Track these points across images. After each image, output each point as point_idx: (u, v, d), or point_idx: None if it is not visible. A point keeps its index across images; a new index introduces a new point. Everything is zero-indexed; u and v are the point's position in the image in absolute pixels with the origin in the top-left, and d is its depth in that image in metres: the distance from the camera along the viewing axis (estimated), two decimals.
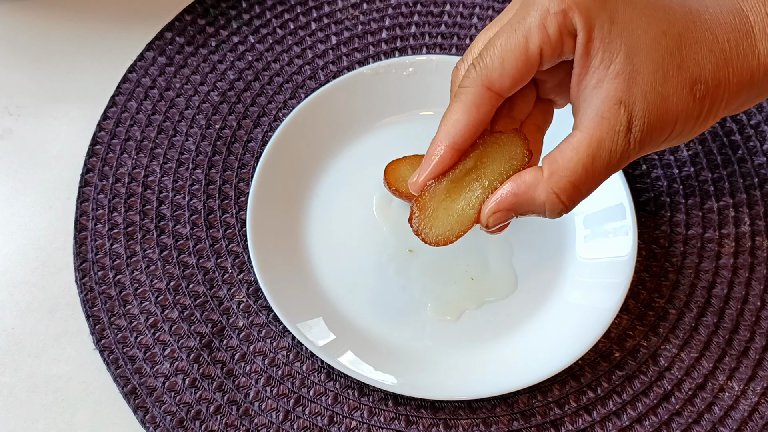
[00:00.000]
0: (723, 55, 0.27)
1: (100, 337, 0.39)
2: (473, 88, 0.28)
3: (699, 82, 0.27)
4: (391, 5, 0.51)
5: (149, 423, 0.37)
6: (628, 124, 0.26)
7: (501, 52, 0.28)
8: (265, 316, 0.40)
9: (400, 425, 0.37)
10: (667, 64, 0.27)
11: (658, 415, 0.37)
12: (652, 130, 0.27)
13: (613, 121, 0.26)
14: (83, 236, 0.42)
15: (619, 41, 0.27)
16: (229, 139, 0.45)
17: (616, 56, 0.27)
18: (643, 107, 0.26)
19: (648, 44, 0.27)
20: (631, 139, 0.27)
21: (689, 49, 0.27)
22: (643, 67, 0.26)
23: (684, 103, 0.27)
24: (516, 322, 0.39)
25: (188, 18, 0.50)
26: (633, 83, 0.26)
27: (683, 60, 0.27)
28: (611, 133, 0.27)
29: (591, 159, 0.27)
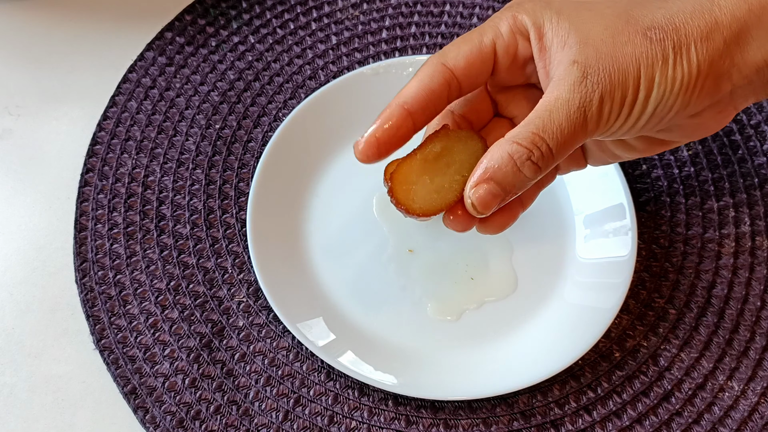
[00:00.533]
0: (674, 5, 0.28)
1: (100, 337, 0.39)
2: (429, 65, 0.30)
3: (653, 28, 0.27)
4: (391, 5, 0.51)
5: (149, 423, 0.37)
6: (582, 75, 0.27)
7: (459, 43, 0.30)
8: (265, 316, 0.40)
9: (400, 425, 0.37)
10: (615, 23, 0.28)
11: (658, 415, 0.37)
12: (610, 74, 0.27)
13: (568, 77, 0.27)
14: (83, 236, 0.42)
15: (567, 24, 0.28)
16: (229, 139, 0.45)
17: (567, 36, 0.28)
18: (596, 59, 0.27)
19: (594, 18, 0.28)
20: (588, 86, 0.27)
21: (636, 10, 0.28)
22: (593, 33, 0.28)
23: (641, 47, 0.27)
24: (516, 322, 0.39)
25: (188, 18, 0.50)
26: (584, 46, 0.27)
27: (630, 17, 0.28)
28: (566, 86, 0.27)
29: (548, 112, 0.27)
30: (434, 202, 0.30)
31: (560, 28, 0.28)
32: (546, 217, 0.42)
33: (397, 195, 0.30)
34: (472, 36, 0.30)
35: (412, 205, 0.30)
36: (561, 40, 0.28)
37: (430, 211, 0.30)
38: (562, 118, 0.27)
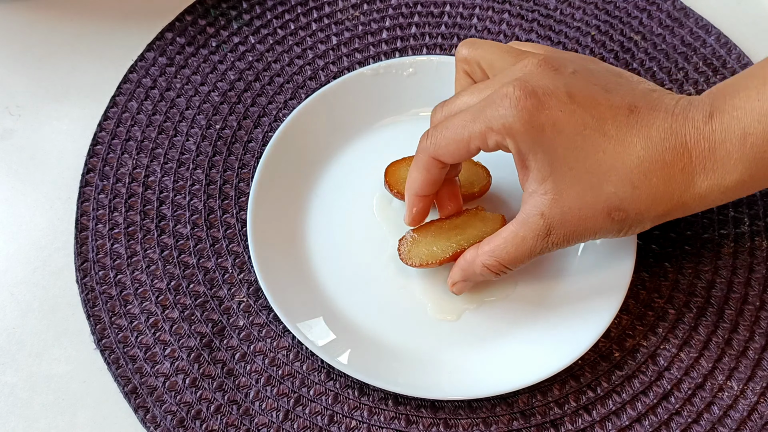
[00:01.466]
0: (647, 190, 0.32)
1: (101, 336, 0.39)
2: (425, 156, 0.36)
3: (617, 210, 0.32)
4: (391, 6, 0.51)
5: (150, 422, 0.37)
6: (546, 231, 0.33)
7: (448, 139, 0.34)
8: (265, 316, 0.40)
9: (400, 425, 0.37)
10: (587, 195, 0.32)
11: (658, 415, 0.37)
12: (568, 239, 0.33)
13: (535, 227, 0.33)
14: (84, 236, 0.42)
15: (549, 170, 0.32)
16: (229, 139, 0.45)
17: (546, 179, 0.33)
18: (560, 223, 0.33)
19: (574, 177, 0.32)
20: (549, 242, 0.34)
21: (610, 184, 0.32)
22: (566, 194, 0.32)
23: (601, 223, 0.33)
24: (516, 322, 0.39)
25: (189, 18, 0.50)
26: (555, 203, 0.33)
27: (602, 192, 0.32)
28: (533, 234, 0.33)
29: (515, 248, 0.34)
30: (422, 259, 0.38)
31: (543, 168, 0.32)
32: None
33: (399, 248, 0.39)
34: (460, 137, 0.34)
35: (408, 260, 0.38)
36: (542, 176, 0.33)
37: (421, 266, 0.38)
38: (525, 256, 0.34)
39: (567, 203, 0.32)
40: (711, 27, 0.50)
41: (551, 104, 0.32)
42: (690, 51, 0.50)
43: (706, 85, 0.48)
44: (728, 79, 0.34)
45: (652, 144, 0.32)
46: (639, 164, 0.32)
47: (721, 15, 0.51)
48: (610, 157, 0.32)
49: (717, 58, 0.49)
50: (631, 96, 0.33)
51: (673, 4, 0.51)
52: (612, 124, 0.32)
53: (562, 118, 0.32)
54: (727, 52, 0.49)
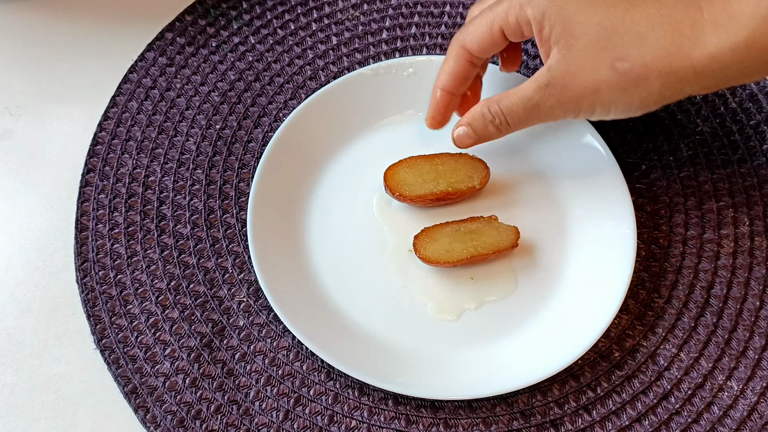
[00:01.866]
0: (653, 40, 0.32)
1: (101, 336, 0.39)
2: (455, 46, 0.38)
3: (621, 59, 0.32)
4: (391, 6, 0.51)
5: (150, 422, 0.37)
6: (547, 82, 0.34)
7: (475, 27, 0.37)
8: (265, 316, 0.40)
9: (400, 425, 0.37)
10: (594, 46, 0.33)
11: (658, 415, 0.37)
12: (567, 91, 0.34)
13: (538, 78, 0.34)
14: (84, 236, 0.42)
15: (561, 28, 0.33)
16: (229, 139, 0.45)
17: (559, 38, 0.34)
18: (564, 74, 0.34)
19: (584, 29, 0.33)
20: (546, 93, 0.34)
21: (618, 35, 0.32)
22: (575, 48, 0.33)
23: (604, 74, 0.33)
24: (516, 322, 0.39)
25: (189, 18, 0.50)
26: (563, 58, 0.34)
27: (608, 43, 0.33)
28: (534, 85, 0.35)
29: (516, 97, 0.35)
30: (440, 257, 0.39)
31: (556, 28, 0.34)
32: (546, 217, 0.42)
33: (416, 243, 0.40)
34: (486, 19, 0.36)
35: (423, 253, 0.39)
36: (556, 37, 0.34)
37: (433, 262, 0.39)
38: (520, 107, 0.35)
39: (574, 55, 0.33)
40: None
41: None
42: None
43: None
44: None
45: (664, 3, 0.32)
46: (648, 18, 0.32)
47: None
48: (621, 12, 0.33)
49: None
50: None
51: None
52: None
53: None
54: None
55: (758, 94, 0.47)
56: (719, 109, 0.47)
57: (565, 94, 0.34)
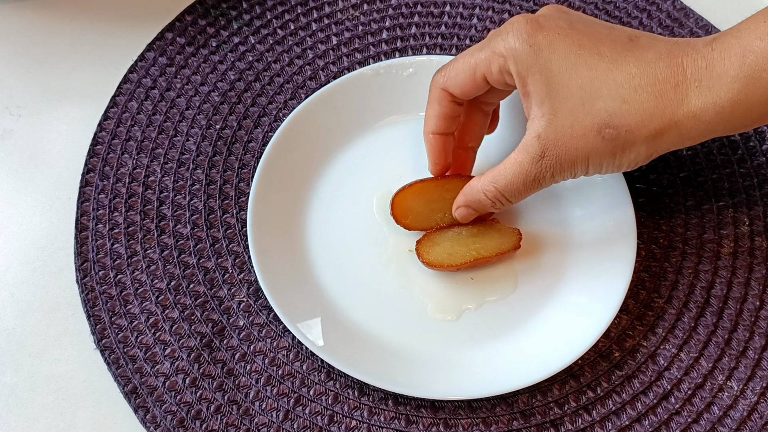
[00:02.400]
0: (637, 105, 0.32)
1: (101, 336, 0.39)
2: (435, 89, 0.38)
3: (607, 126, 0.32)
4: (391, 6, 0.51)
5: (150, 422, 0.37)
6: (541, 153, 0.33)
7: (456, 69, 0.36)
8: (265, 316, 0.40)
9: (400, 425, 0.37)
10: (578, 112, 0.32)
11: (658, 415, 0.37)
12: (561, 161, 0.33)
13: (531, 150, 0.34)
14: (84, 236, 0.42)
15: (545, 89, 0.33)
16: (229, 139, 0.45)
17: (543, 101, 0.33)
18: (554, 143, 0.33)
19: (567, 93, 0.33)
20: (543, 165, 0.34)
21: (601, 99, 0.32)
22: (560, 113, 0.33)
23: (592, 142, 0.33)
24: (516, 322, 0.39)
25: (189, 18, 0.50)
26: (550, 123, 0.33)
27: (592, 108, 0.32)
28: (529, 158, 0.34)
29: (512, 174, 0.35)
30: (443, 260, 0.39)
31: (540, 88, 0.33)
32: (546, 218, 0.42)
33: (418, 247, 0.40)
34: (467, 65, 0.36)
35: (426, 258, 0.39)
36: (539, 99, 0.33)
37: (436, 266, 0.39)
38: (520, 183, 0.35)
39: (560, 122, 0.33)
40: (711, 27, 0.50)
41: (550, 27, 0.33)
42: None
43: None
44: None
45: (645, 62, 0.32)
46: (630, 80, 0.32)
47: (721, 15, 0.51)
48: (603, 74, 0.32)
49: None
50: (633, 32, 0.34)
51: (673, 4, 0.51)
52: (608, 47, 0.33)
53: (558, 39, 0.33)
54: None
55: None
56: None
57: (561, 163, 0.34)
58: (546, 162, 0.34)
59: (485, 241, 0.39)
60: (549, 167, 0.34)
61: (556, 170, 0.34)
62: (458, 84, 0.36)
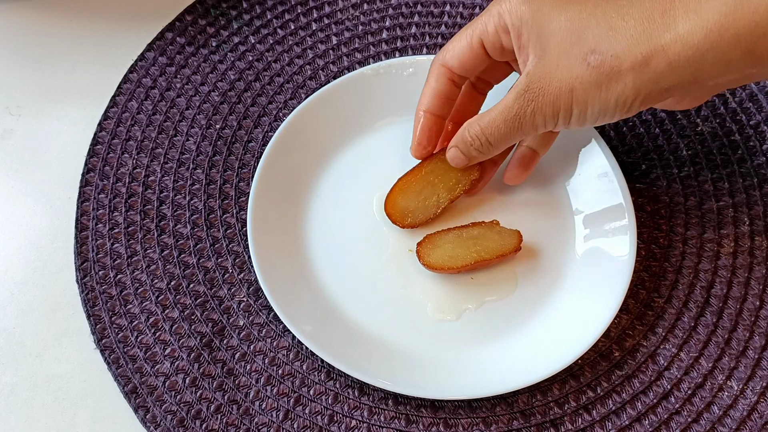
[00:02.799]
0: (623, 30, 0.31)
1: (101, 336, 0.39)
2: (435, 65, 0.38)
3: (593, 52, 0.32)
4: (391, 5, 0.51)
5: (150, 422, 0.37)
6: (525, 88, 0.33)
7: (454, 43, 0.37)
8: (265, 316, 0.40)
9: (400, 424, 0.37)
10: (565, 43, 0.32)
11: (658, 415, 0.37)
12: (545, 93, 0.33)
13: (517, 87, 0.34)
14: (84, 236, 0.42)
15: (537, 32, 0.33)
16: (229, 139, 0.45)
17: (536, 42, 0.33)
18: (540, 77, 0.33)
19: (556, 28, 0.32)
20: (525, 99, 0.33)
21: (589, 29, 0.32)
22: (548, 48, 0.33)
23: (577, 71, 0.32)
24: (516, 322, 0.39)
25: (189, 18, 0.50)
26: (539, 61, 0.33)
27: (580, 37, 0.32)
28: (513, 95, 0.34)
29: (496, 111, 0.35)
30: (444, 263, 0.39)
31: (533, 32, 0.33)
32: (546, 217, 0.42)
33: (419, 250, 0.40)
34: (464, 33, 0.36)
35: (426, 260, 0.39)
36: (533, 42, 0.33)
37: (437, 269, 0.39)
38: (500, 121, 0.35)
39: (548, 56, 0.33)
40: None
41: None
42: None
43: None
44: None
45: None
46: (618, 9, 0.32)
47: None
48: (591, 6, 0.32)
49: None
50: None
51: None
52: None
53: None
54: None
55: (758, 94, 0.47)
56: (719, 109, 0.47)
57: (543, 98, 0.33)
58: (528, 95, 0.33)
59: (486, 243, 0.39)
60: (530, 100, 0.33)
61: (537, 105, 0.33)
62: (456, 54, 0.36)
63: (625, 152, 0.45)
